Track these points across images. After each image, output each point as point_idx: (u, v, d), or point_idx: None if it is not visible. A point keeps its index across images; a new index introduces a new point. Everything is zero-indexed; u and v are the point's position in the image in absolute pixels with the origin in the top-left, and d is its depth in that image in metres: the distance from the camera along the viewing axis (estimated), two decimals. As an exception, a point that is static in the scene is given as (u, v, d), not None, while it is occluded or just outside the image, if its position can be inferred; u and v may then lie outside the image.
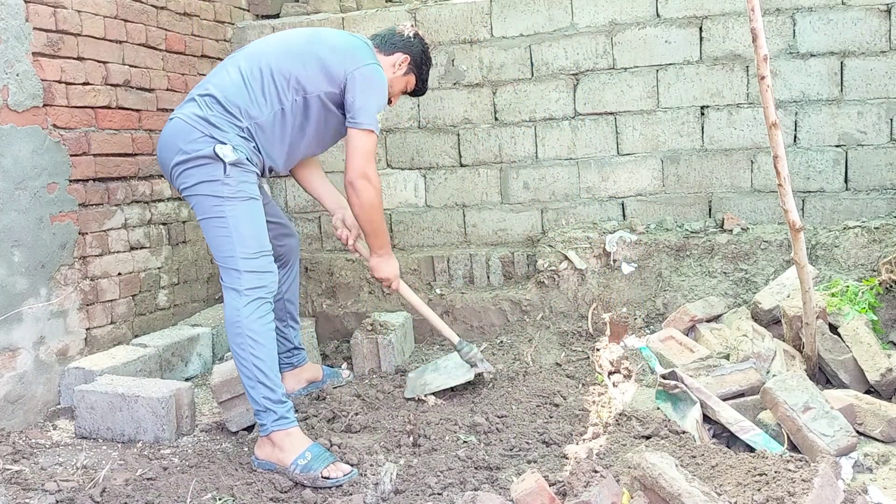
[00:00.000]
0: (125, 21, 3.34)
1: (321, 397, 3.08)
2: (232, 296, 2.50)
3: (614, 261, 3.64)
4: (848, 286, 3.01)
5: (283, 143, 2.72)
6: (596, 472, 1.90)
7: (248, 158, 2.58)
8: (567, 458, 2.37)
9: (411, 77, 2.96)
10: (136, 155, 3.40)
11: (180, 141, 2.55)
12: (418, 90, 3.05)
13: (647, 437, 2.38)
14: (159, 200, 3.56)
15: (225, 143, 2.53)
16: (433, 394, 3.01)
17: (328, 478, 2.33)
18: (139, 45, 3.43)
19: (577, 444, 2.49)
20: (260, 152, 2.66)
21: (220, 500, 2.25)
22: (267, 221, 2.65)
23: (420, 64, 2.95)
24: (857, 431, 2.37)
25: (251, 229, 2.55)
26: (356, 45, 2.77)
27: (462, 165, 4.03)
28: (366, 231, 2.86)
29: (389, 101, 2.93)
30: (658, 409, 2.59)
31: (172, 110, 3.60)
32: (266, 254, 2.57)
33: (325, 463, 2.36)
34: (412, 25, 2.99)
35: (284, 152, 2.74)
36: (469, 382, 3.06)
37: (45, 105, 2.90)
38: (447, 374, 3.11)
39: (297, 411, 2.94)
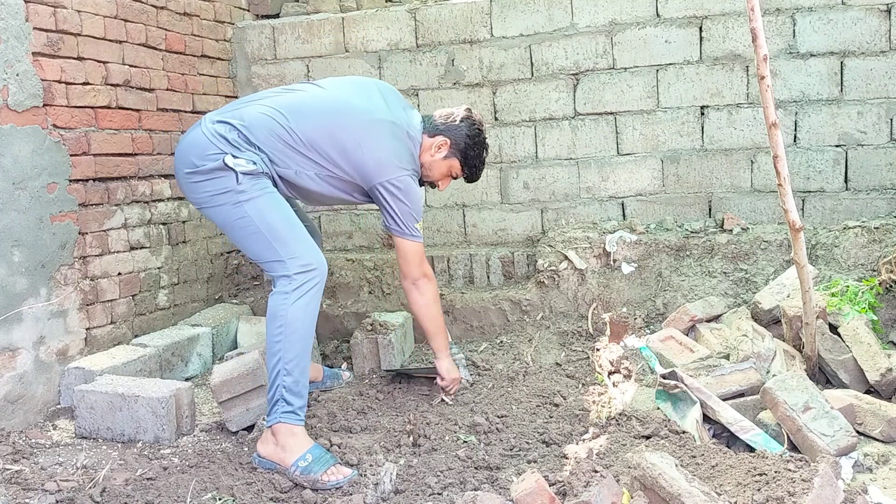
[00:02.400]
0: (125, 21, 3.34)
1: (321, 398, 3.09)
2: (282, 283, 2.48)
3: (614, 261, 3.64)
4: (848, 286, 3.01)
5: (292, 193, 2.74)
6: (596, 472, 1.90)
7: (262, 171, 2.57)
8: (567, 458, 2.37)
9: (454, 161, 2.86)
10: (136, 155, 3.39)
11: (194, 155, 2.56)
12: (468, 176, 2.94)
13: (647, 437, 2.38)
14: (159, 200, 3.56)
15: (239, 157, 2.53)
16: (400, 374, 3.19)
17: (328, 481, 2.33)
18: (139, 45, 3.43)
19: (577, 444, 2.49)
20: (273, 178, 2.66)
21: (220, 500, 2.25)
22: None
23: (465, 148, 2.84)
24: (857, 431, 2.37)
25: (278, 216, 2.55)
26: (400, 151, 2.71)
27: (462, 165, 4.03)
28: (431, 331, 2.91)
29: (434, 185, 2.91)
30: (658, 409, 2.59)
31: (172, 110, 3.64)
32: (304, 238, 2.56)
33: (325, 465, 2.36)
34: (467, 108, 2.92)
35: (290, 195, 2.76)
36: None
37: (45, 105, 2.90)
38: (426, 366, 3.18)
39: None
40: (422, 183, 2.91)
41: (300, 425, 2.47)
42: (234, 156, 2.53)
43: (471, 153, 2.88)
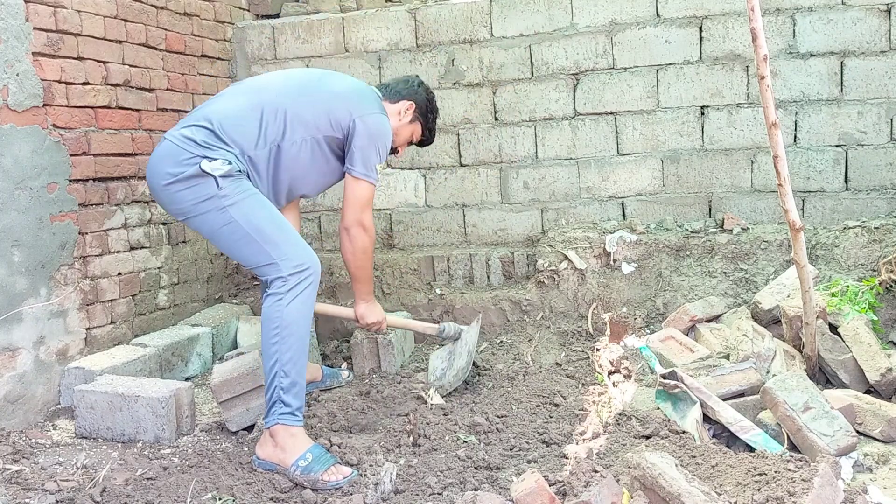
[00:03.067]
0: (125, 21, 3.34)
1: (321, 397, 3.09)
2: (277, 284, 2.47)
3: (614, 261, 3.64)
4: (848, 286, 3.01)
5: (274, 181, 2.68)
6: (596, 471, 1.90)
7: (239, 170, 2.53)
8: (567, 458, 2.37)
9: (417, 126, 2.95)
10: (135, 155, 3.39)
11: (168, 164, 2.52)
12: (425, 139, 3.03)
13: (647, 437, 2.38)
14: (159, 200, 3.56)
15: (214, 159, 2.49)
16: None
17: (328, 481, 2.32)
18: (139, 44, 3.43)
19: (577, 444, 2.49)
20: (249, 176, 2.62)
21: (220, 500, 2.25)
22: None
23: (426, 111, 2.94)
24: (857, 431, 2.37)
25: (265, 217, 2.52)
26: (364, 92, 2.76)
27: (462, 165, 4.03)
28: (355, 276, 2.88)
29: (395, 151, 2.92)
30: (658, 408, 2.59)
31: (172, 110, 3.64)
32: (294, 237, 2.54)
33: (325, 465, 2.35)
34: (416, 75, 3.02)
35: (273, 190, 2.70)
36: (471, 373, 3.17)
37: (45, 105, 2.90)
38: (457, 368, 3.13)
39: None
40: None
41: (299, 426, 2.46)
42: (208, 159, 2.49)
43: (430, 116, 2.98)
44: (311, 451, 2.39)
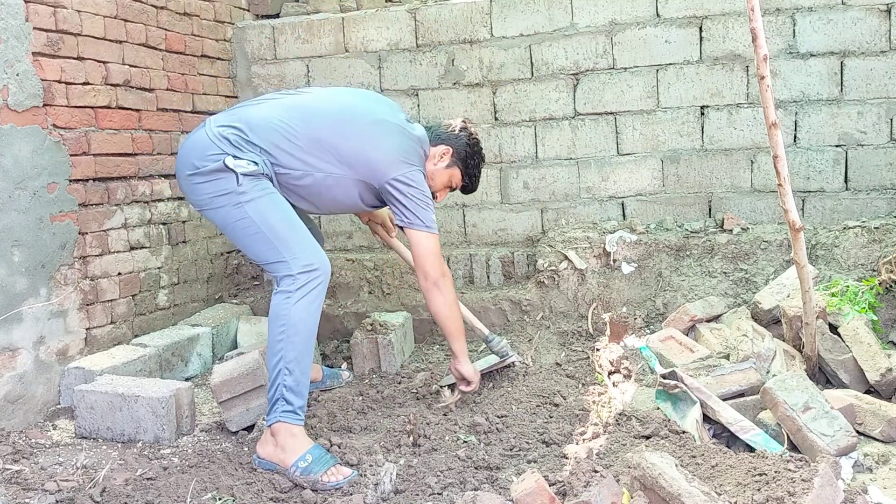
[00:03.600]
0: (125, 21, 3.34)
1: (321, 398, 3.09)
2: (286, 282, 2.46)
3: (614, 261, 3.64)
4: (848, 286, 3.01)
5: (293, 195, 2.67)
6: (596, 471, 1.90)
7: (263, 172, 2.54)
8: (567, 458, 2.37)
9: (455, 171, 2.86)
10: (136, 155, 3.39)
11: (195, 156, 2.54)
12: (466, 186, 2.93)
13: (647, 437, 2.38)
14: (159, 200, 3.56)
15: (240, 158, 2.51)
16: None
17: (328, 482, 2.32)
18: (139, 44, 3.43)
19: (577, 444, 2.49)
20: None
21: (220, 500, 2.25)
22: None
23: (465, 157, 2.85)
24: (857, 431, 2.37)
25: (279, 216, 2.52)
26: (408, 147, 2.69)
27: (462, 165, 4.03)
28: (452, 331, 2.80)
29: (435, 197, 2.86)
30: (658, 409, 2.59)
31: (172, 110, 3.64)
32: (307, 238, 2.54)
33: (325, 466, 2.35)
34: (464, 119, 2.92)
35: (296, 201, 2.70)
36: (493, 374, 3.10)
37: (45, 105, 2.90)
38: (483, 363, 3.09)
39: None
40: None
41: (300, 425, 2.46)
42: (235, 157, 2.51)
43: (471, 162, 2.88)
44: (311, 451, 2.39)
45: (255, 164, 2.53)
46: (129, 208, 3.36)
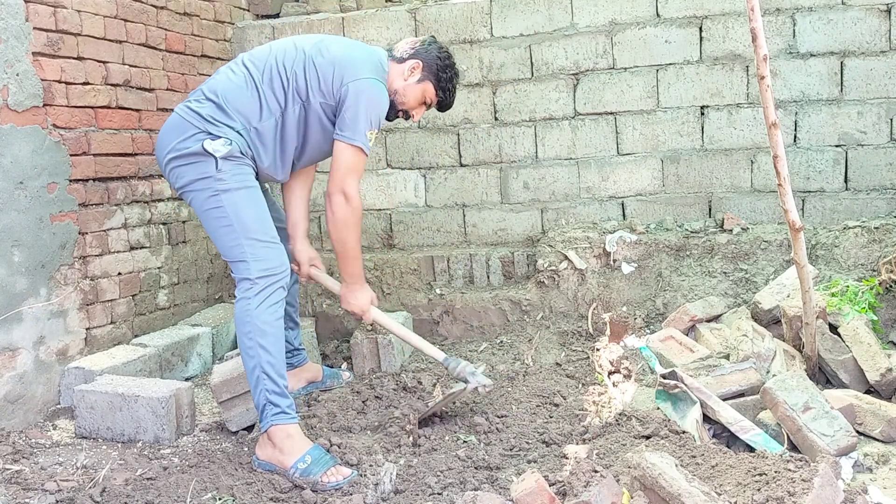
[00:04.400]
0: (125, 21, 3.34)
1: (321, 397, 3.09)
2: (244, 286, 2.48)
3: (614, 261, 3.64)
4: (848, 286, 3.01)
5: (282, 150, 2.68)
6: (596, 471, 1.90)
7: (241, 151, 2.55)
8: (567, 458, 2.37)
9: (428, 86, 2.77)
10: (136, 155, 3.39)
11: (173, 138, 2.55)
12: (442, 101, 2.83)
13: (647, 437, 2.38)
14: (159, 200, 3.56)
15: (217, 137, 2.51)
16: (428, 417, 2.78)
17: (328, 482, 2.32)
18: (139, 44, 3.43)
19: (577, 444, 2.49)
20: (254, 155, 2.63)
21: (220, 500, 2.25)
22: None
23: (437, 70, 2.75)
24: (857, 431, 2.37)
25: (253, 215, 2.53)
26: (359, 56, 2.67)
27: (462, 165, 4.03)
28: (337, 252, 2.73)
29: (409, 116, 2.83)
30: (658, 408, 2.59)
31: (172, 110, 3.63)
32: (273, 240, 2.55)
33: (324, 467, 2.35)
34: (431, 36, 2.90)
35: (282, 159, 2.71)
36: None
37: (45, 105, 2.90)
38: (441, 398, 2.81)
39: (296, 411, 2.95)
40: (397, 115, 2.82)
41: (294, 423, 2.47)
42: (211, 137, 2.50)
43: (443, 75, 2.78)
44: (310, 452, 2.39)
45: (231, 142, 2.52)
46: (129, 208, 3.36)
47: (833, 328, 2.84)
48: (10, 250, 2.74)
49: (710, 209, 3.78)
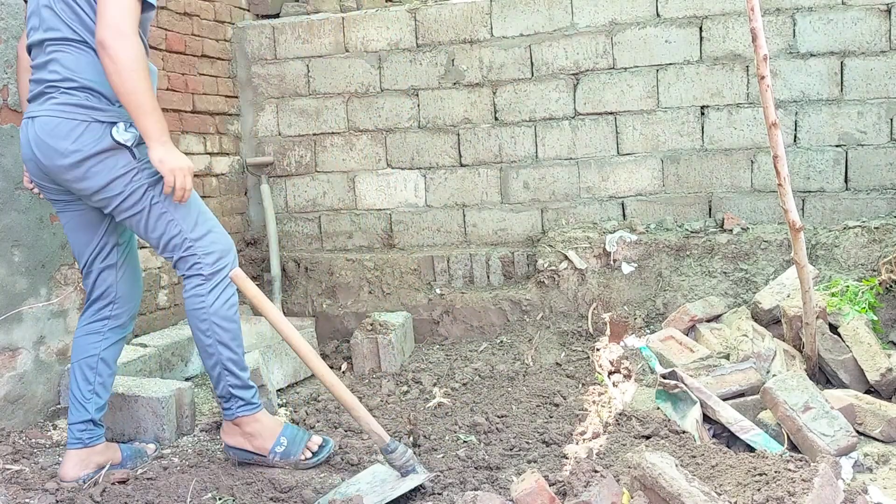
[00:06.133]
0: (125, 21, 3.33)
1: (321, 397, 3.08)
2: (195, 282, 2.31)
3: (614, 261, 3.64)
4: (848, 286, 3.01)
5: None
6: (596, 471, 1.90)
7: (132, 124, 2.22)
8: (567, 458, 2.37)
9: None
10: (136, 155, 3.39)
11: (62, 139, 2.19)
12: None
13: (647, 437, 2.38)
14: (159, 200, 3.55)
15: (115, 122, 2.21)
16: None
17: (308, 460, 2.38)
18: (139, 44, 3.43)
19: (577, 444, 2.49)
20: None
21: (220, 500, 2.25)
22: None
23: None
24: (857, 431, 2.37)
25: (191, 202, 2.30)
26: None
27: (462, 165, 4.03)
28: (132, 107, 2.14)
29: None
30: (658, 408, 2.59)
31: (172, 110, 3.64)
32: (215, 224, 2.37)
33: (301, 444, 2.40)
34: None
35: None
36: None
37: (45, 105, 2.89)
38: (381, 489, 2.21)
39: (295, 412, 2.94)
40: None
41: (260, 410, 2.45)
42: (109, 124, 2.20)
43: None
44: (283, 434, 2.42)
45: (131, 124, 2.21)
46: (129, 208, 3.35)
47: (833, 328, 2.84)
48: (11, 250, 2.74)
49: (710, 209, 3.78)
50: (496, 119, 3.97)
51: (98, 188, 2.23)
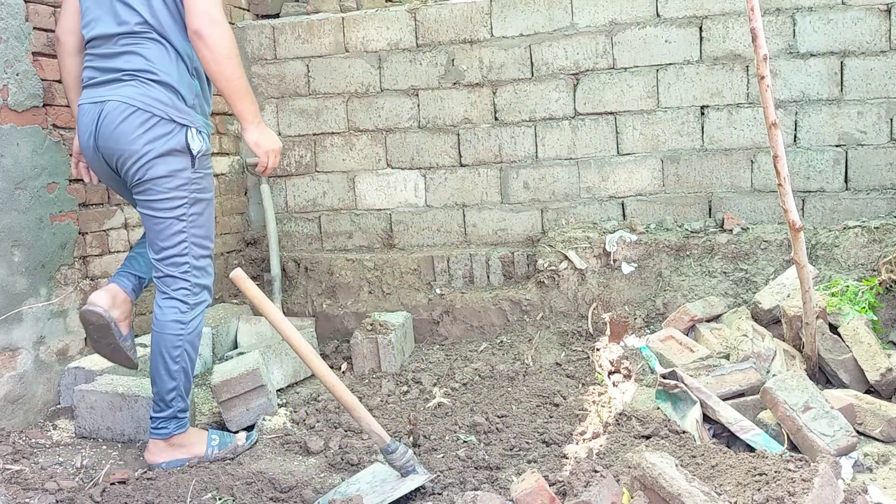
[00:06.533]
0: (125, 21, 3.34)
1: (321, 396, 3.08)
2: (177, 306, 2.41)
3: (614, 261, 3.64)
4: (848, 286, 3.01)
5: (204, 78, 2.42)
6: (596, 471, 1.90)
7: (208, 135, 2.40)
8: (567, 458, 2.37)
9: None
10: (136, 155, 3.39)
11: (137, 128, 2.27)
12: None
13: (647, 437, 2.38)
14: (159, 200, 3.55)
15: (188, 126, 2.31)
16: None
17: (243, 443, 2.59)
18: (139, 44, 3.43)
19: (577, 444, 2.49)
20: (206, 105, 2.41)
21: (220, 500, 2.25)
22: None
23: None
24: (857, 431, 2.37)
25: (206, 231, 2.46)
26: None
27: (462, 165, 4.03)
28: (229, 92, 2.29)
29: None
30: (658, 408, 2.59)
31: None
32: (210, 255, 2.49)
33: (231, 437, 2.57)
34: None
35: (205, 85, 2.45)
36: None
37: (45, 105, 2.90)
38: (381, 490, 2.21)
39: (295, 412, 2.94)
40: None
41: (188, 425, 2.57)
42: (188, 127, 2.29)
43: None
44: (211, 434, 2.58)
45: (204, 131, 2.35)
46: (129, 208, 3.35)
47: (833, 328, 2.84)
48: (11, 250, 2.74)
49: (710, 209, 3.78)
50: (496, 119, 3.97)
51: (146, 179, 2.31)
